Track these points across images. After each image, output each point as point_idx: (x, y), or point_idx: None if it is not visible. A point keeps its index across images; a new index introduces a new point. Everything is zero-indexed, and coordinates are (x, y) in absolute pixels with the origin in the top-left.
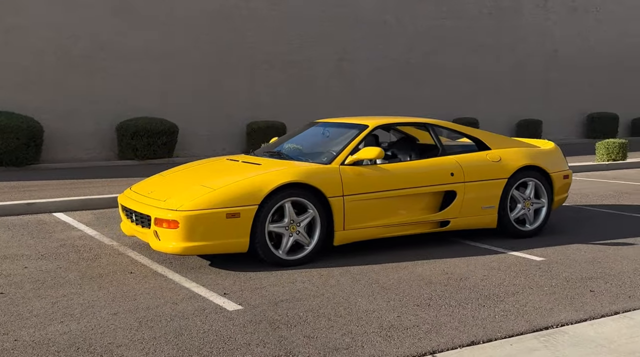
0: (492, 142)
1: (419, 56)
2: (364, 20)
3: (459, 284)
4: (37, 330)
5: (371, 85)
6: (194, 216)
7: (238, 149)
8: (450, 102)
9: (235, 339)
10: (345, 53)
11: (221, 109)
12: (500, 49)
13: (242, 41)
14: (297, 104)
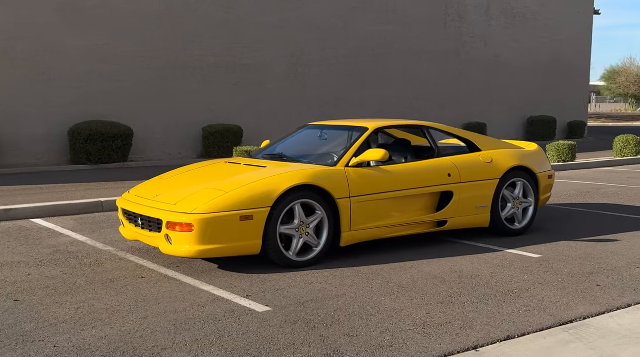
0: (482, 144)
1: (367, 60)
2: (314, 25)
3: (471, 282)
4: (72, 336)
5: (322, 88)
6: (208, 219)
7: (195, 154)
8: (397, 106)
9: (277, 339)
10: (297, 57)
11: (176, 113)
12: (444, 54)
13: (196, 44)
14: (252, 107)
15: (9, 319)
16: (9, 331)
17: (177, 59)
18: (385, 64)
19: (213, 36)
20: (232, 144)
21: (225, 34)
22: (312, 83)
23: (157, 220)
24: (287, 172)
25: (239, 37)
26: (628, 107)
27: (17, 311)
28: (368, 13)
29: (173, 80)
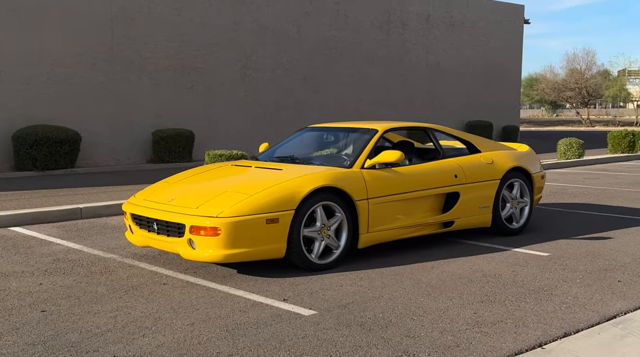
0: (481, 145)
1: (320, 65)
2: (267, 28)
3: (498, 281)
4: (126, 345)
5: (276, 93)
6: (236, 222)
7: (144, 159)
8: (350, 110)
9: (341, 342)
10: (249, 60)
11: (124, 117)
12: (389, 60)
13: (149, 46)
14: (204, 111)
15: (47, 330)
16: (54, 342)
17: (129, 61)
18: (337, 68)
19: (166, 39)
20: (183, 149)
21: (177, 36)
22: (265, 87)
23: (178, 224)
24: (308, 174)
25: (191, 39)
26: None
27: (50, 321)
28: (321, 18)
29: (124, 83)
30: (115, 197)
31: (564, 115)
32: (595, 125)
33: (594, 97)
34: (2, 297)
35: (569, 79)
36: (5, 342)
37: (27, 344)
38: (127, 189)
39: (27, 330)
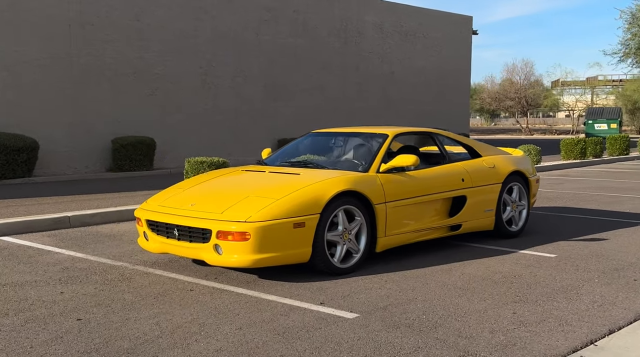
0: (482, 150)
1: (278, 73)
2: (226, 35)
3: (521, 282)
4: (182, 350)
5: (235, 99)
6: (265, 227)
7: (103, 167)
8: (307, 118)
9: (398, 343)
10: (209, 67)
11: (83, 124)
12: (346, 69)
13: (105, 51)
14: (164, 118)
15: (93, 338)
16: (107, 350)
17: (88, 67)
18: (296, 76)
19: (125, 44)
20: (144, 157)
21: (137, 41)
22: (226, 94)
23: (203, 230)
24: (329, 178)
25: (151, 45)
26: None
27: (92, 329)
28: (279, 26)
29: (82, 89)
30: (94, 205)
31: (501, 124)
32: (534, 133)
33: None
34: (27, 306)
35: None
36: (56, 350)
37: (80, 352)
38: (94, 198)
39: (71, 339)
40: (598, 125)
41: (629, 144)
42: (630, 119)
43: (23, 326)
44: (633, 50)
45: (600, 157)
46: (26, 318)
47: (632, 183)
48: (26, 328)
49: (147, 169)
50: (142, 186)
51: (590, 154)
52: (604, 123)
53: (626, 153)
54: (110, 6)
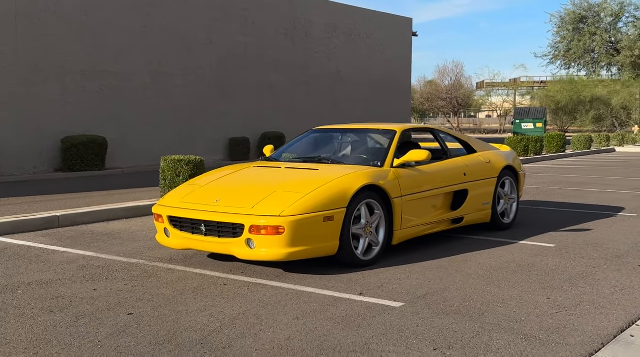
0: (477, 146)
1: (229, 72)
2: (178, 33)
3: (537, 270)
4: (254, 340)
5: (186, 98)
6: (298, 221)
7: (52, 168)
8: (257, 117)
9: (455, 329)
10: (160, 65)
11: (31, 123)
12: (295, 68)
13: (53, 48)
14: (115, 117)
15: (158, 330)
16: (179, 340)
17: (35, 63)
18: (246, 74)
19: (73, 40)
20: (96, 157)
21: (85, 38)
22: (177, 93)
23: (234, 225)
24: (350, 173)
25: (100, 42)
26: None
27: (152, 322)
28: (229, 24)
29: (30, 87)
30: (62, 206)
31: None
32: (465, 133)
33: (462, 107)
34: (68, 303)
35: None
36: (127, 343)
37: (152, 344)
38: (56, 199)
39: (135, 332)
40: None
41: (565, 142)
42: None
43: (76, 322)
44: (562, 53)
45: (540, 154)
46: (75, 314)
47: (584, 178)
48: (81, 324)
49: (99, 169)
50: (99, 186)
51: (532, 151)
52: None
53: (563, 150)
54: (58, 1)
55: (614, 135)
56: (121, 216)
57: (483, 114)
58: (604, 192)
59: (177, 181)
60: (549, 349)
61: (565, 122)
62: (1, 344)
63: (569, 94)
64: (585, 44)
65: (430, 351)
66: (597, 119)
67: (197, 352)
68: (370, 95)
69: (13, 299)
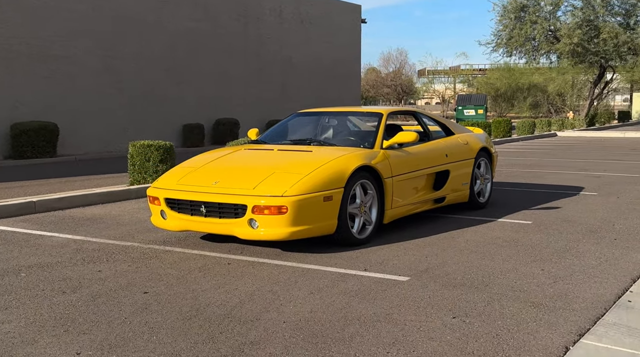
0: (454, 129)
1: (181, 57)
2: (128, 17)
3: (522, 244)
4: (278, 313)
5: (139, 84)
6: (300, 200)
7: (0, 155)
8: (210, 103)
9: (466, 299)
10: (111, 50)
11: None
12: (247, 54)
13: (2, 30)
14: (65, 102)
15: (181, 307)
16: (206, 315)
17: None
18: (199, 60)
19: (19, 23)
20: (47, 143)
21: (32, 20)
22: (129, 78)
23: (236, 205)
24: (344, 154)
25: (47, 25)
26: None
27: (169, 299)
28: (180, 8)
29: None
30: (22, 193)
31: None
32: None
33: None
34: (78, 284)
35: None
36: (154, 319)
37: (180, 320)
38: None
39: (158, 309)
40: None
41: (511, 128)
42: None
43: (94, 301)
44: (504, 41)
45: None
46: (90, 294)
47: (535, 160)
48: (100, 302)
49: (51, 156)
50: (55, 173)
51: None
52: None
53: (509, 135)
54: None
55: (555, 120)
56: (96, 201)
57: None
58: (559, 173)
59: (146, 166)
60: (559, 314)
61: (504, 109)
62: (26, 323)
63: (508, 81)
64: (526, 32)
65: (449, 319)
66: (534, 105)
67: (227, 324)
68: (322, 82)
69: (19, 282)
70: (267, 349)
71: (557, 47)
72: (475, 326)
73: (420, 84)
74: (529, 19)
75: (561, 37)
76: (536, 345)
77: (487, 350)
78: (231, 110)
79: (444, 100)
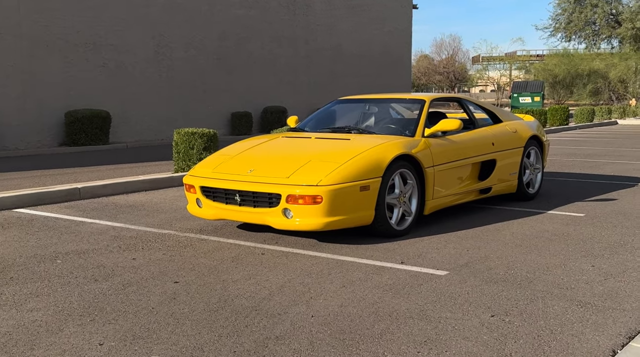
0: (502, 116)
1: (231, 45)
2: (180, 5)
3: (572, 238)
4: (307, 307)
5: (189, 72)
6: (336, 190)
7: (56, 142)
8: (259, 91)
9: (507, 295)
10: (162, 38)
11: (34, 97)
12: (296, 41)
13: (55, 21)
14: (116, 90)
15: (209, 297)
16: (233, 306)
17: (37, 36)
18: (249, 48)
19: (75, 14)
20: (100, 131)
21: (87, 10)
22: (179, 67)
23: (270, 194)
24: (383, 143)
25: (101, 15)
26: None
27: (198, 290)
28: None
29: (33, 60)
30: (72, 179)
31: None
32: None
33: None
34: (110, 272)
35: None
36: (181, 309)
37: (207, 311)
38: (69, 172)
39: (186, 299)
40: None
41: (568, 115)
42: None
43: (124, 289)
44: (563, 25)
45: (544, 127)
46: (121, 283)
47: (593, 149)
48: (130, 291)
49: (104, 143)
50: (106, 160)
51: None
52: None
53: (566, 123)
54: None
55: (615, 107)
56: (140, 188)
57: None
58: (617, 163)
59: (190, 154)
60: (607, 315)
61: (562, 96)
62: (54, 311)
63: (567, 67)
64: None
65: (487, 317)
66: (594, 92)
67: (254, 317)
68: (371, 69)
69: (54, 269)
70: (291, 344)
71: (619, 32)
72: (515, 325)
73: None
74: (589, 2)
75: (623, 21)
76: (580, 348)
77: (526, 352)
78: (279, 98)
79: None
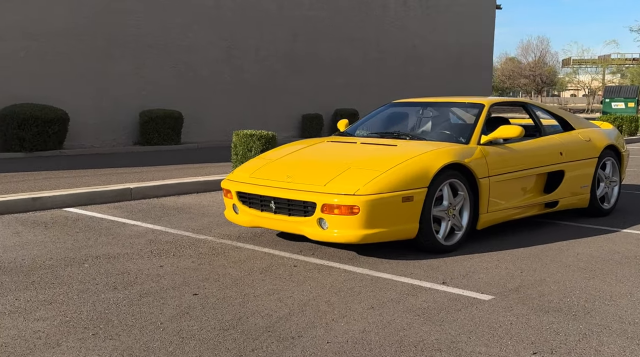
0: (575, 123)
1: (301, 47)
2: (248, 7)
3: None
4: (326, 330)
5: (259, 74)
6: (374, 200)
7: (130, 141)
8: (329, 93)
9: (556, 329)
10: (232, 40)
11: (109, 96)
12: (368, 43)
13: (128, 22)
14: (187, 91)
15: (223, 314)
16: (245, 327)
17: (112, 37)
18: (318, 49)
19: (147, 15)
20: (172, 131)
21: (159, 13)
22: (250, 68)
23: (305, 203)
24: (432, 150)
25: (172, 17)
26: None
27: (214, 304)
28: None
29: (107, 60)
30: (137, 178)
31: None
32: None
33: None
34: (133, 280)
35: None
36: (190, 327)
37: (217, 330)
38: (138, 171)
39: (198, 315)
40: (615, 104)
41: None
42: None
43: (140, 300)
44: None
45: (635, 135)
46: (139, 292)
47: None
48: (144, 302)
49: (176, 143)
50: (175, 160)
51: (626, 131)
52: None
53: None
54: None
55: None
56: (192, 190)
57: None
58: None
59: (248, 156)
60: None
61: None
62: (60, 322)
63: None
64: None
65: (528, 354)
66: None
67: (263, 341)
68: (447, 72)
69: (78, 273)
70: None
71: None
72: None
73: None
74: None
75: None
76: None
77: None
78: (350, 100)
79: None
